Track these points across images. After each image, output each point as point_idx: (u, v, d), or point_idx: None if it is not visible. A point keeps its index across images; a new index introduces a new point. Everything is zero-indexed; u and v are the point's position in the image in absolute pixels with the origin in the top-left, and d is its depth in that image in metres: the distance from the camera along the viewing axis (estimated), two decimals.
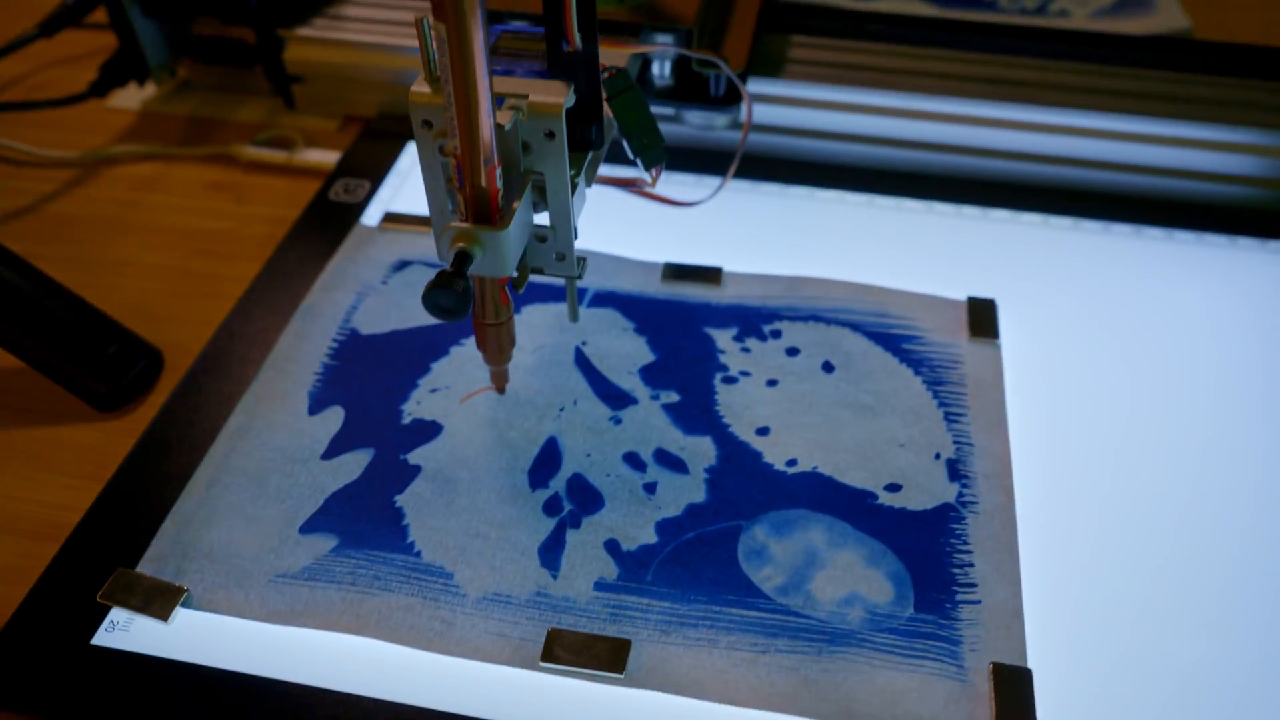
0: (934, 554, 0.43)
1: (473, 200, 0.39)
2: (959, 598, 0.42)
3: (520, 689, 0.39)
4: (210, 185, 0.65)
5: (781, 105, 0.63)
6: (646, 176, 0.47)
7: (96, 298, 0.54)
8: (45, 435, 0.50)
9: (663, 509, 0.45)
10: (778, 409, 0.49)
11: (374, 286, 0.55)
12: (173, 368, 0.53)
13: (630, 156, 0.45)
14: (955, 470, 0.47)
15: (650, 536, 0.44)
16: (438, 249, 0.40)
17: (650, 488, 0.46)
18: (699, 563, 0.43)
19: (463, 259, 0.38)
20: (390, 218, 0.59)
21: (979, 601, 0.42)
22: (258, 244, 0.59)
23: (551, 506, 0.45)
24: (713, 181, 0.62)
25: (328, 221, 0.59)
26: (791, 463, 0.47)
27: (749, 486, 0.46)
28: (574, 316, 0.48)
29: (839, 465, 0.47)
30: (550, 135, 0.40)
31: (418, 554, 0.43)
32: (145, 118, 0.70)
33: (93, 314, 0.52)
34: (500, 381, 0.48)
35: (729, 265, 0.56)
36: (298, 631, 0.41)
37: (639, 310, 0.54)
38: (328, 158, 0.65)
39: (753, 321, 0.53)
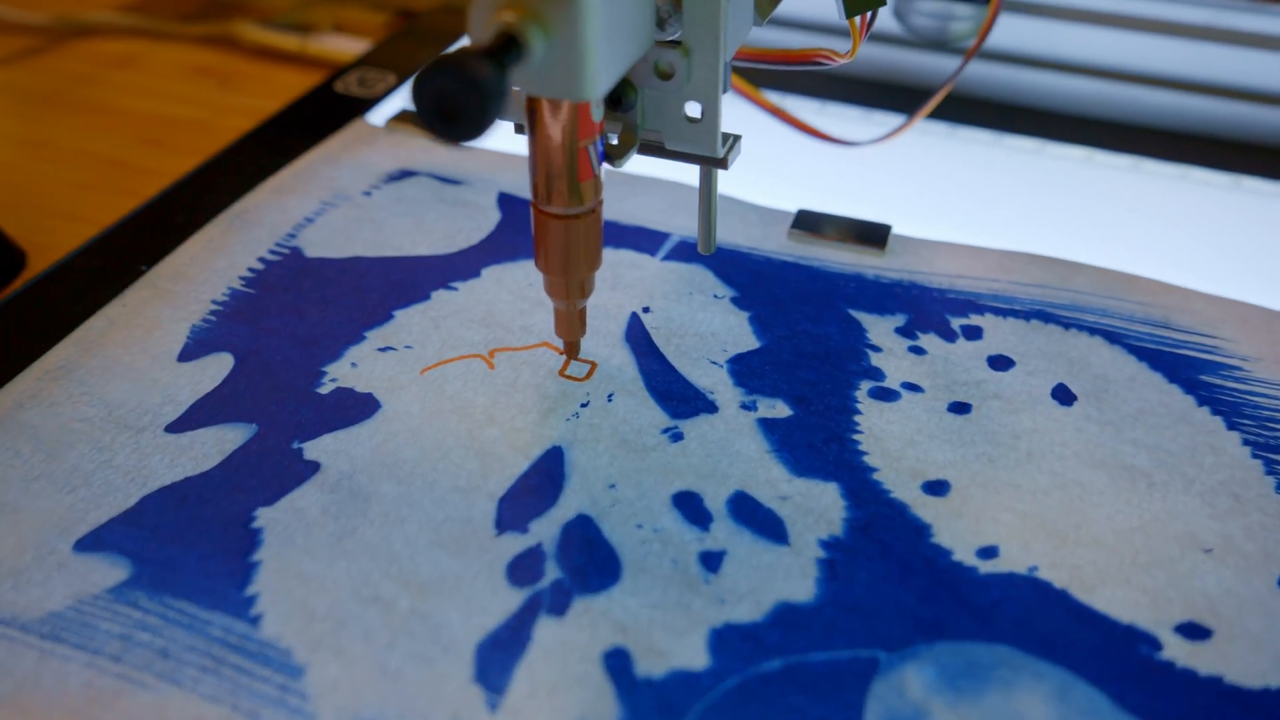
0: None
1: None
2: None
3: None
4: (196, 69, 0.48)
5: (1040, 17, 0.41)
6: (839, 49, 0.27)
7: None
8: None
9: (730, 604, 0.24)
10: (967, 453, 0.27)
11: (349, 197, 0.36)
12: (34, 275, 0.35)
13: None
14: None
15: (697, 655, 0.23)
16: (470, 30, 0.20)
17: (712, 561, 0.24)
18: None
19: (507, 44, 0.19)
20: (407, 116, 0.40)
21: None
22: (225, 139, 0.41)
23: (524, 568, 0.24)
24: (887, 121, 0.41)
25: (322, 117, 0.41)
26: (987, 553, 0.25)
27: (901, 585, 0.24)
28: (707, 244, 0.28)
29: (1083, 572, 0.24)
30: None
31: (254, 620, 0.23)
32: None
33: None
34: (570, 332, 0.28)
35: (901, 227, 0.35)
36: None
37: (745, 272, 0.33)
38: (353, 47, 0.47)
39: (933, 309, 0.32)
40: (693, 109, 0.25)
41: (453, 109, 0.18)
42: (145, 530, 0.25)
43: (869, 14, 0.28)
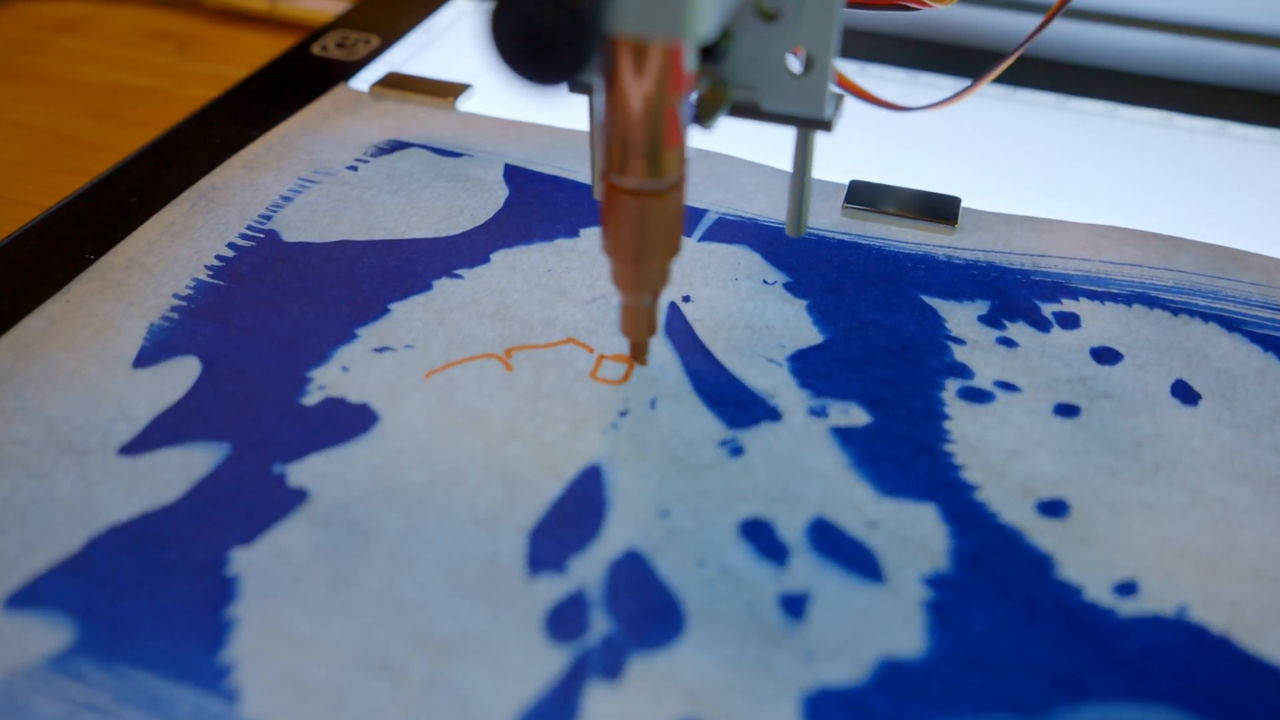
0: None
1: None
2: None
3: None
4: (153, 34, 0.43)
5: None
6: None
7: None
8: None
9: (822, 662, 0.19)
10: (1083, 465, 0.23)
11: (332, 172, 0.31)
12: None
13: None
14: None
15: None
16: None
17: (794, 605, 0.20)
18: None
19: None
20: (395, 81, 0.35)
21: None
22: (185, 110, 0.36)
23: (566, 620, 0.20)
24: (934, 83, 0.37)
25: (298, 83, 0.36)
26: (1126, 589, 0.21)
27: (1028, 634, 0.20)
28: (796, 226, 0.23)
29: (1243, 610, 0.20)
30: None
31: (231, 695, 0.18)
32: None
33: None
34: (637, 331, 0.23)
35: (964, 200, 0.30)
36: None
37: (796, 253, 0.29)
38: (329, 7, 0.42)
39: (1020, 294, 0.27)
40: (795, 61, 0.20)
41: (544, 43, 0.14)
42: (93, 580, 0.20)
43: None
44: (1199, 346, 0.26)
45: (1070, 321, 0.26)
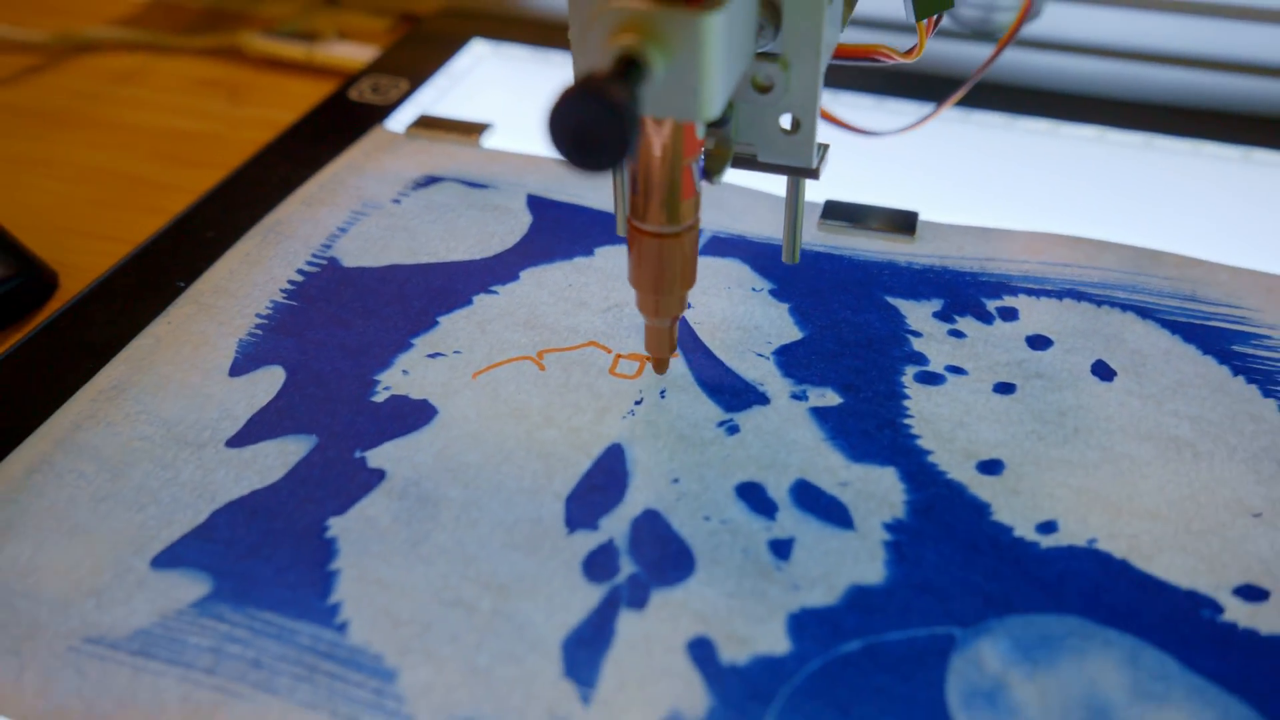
0: None
1: None
2: None
3: None
4: (203, 82, 0.48)
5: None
6: (899, 48, 0.28)
7: None
8: None
9: (804, 590, 0.24)
10: (1016, 432, 0.28)
11: (379, 205, 0.36)
12: (67, 296, 0.35)
13: None
14: None
15: (777, 641, 0.23)
16: (575, 60, 0.22)
17: (782, 549, 0.25)
18: (870, 701, 0.22)
19: (628, 67, 0.19)
20: (427, 122, 0.40)
21: None
22: (241, 151, 0.41)
23: (599, 565, 0.25)
24: (902, 109, 0.42)
25: (340, 126, 0.41)
26: (1047, 528, 0.26)
27: (968, 564, 0.25)
28: (791, 253, 0.28)
29: (1140, 541, 0.25)
30: None
31: (341, 627, 0.23)
32: (152, 9, 0.54)
33: None
34: (659, 348, 0.28)
35: (923, 213, 0.35)
36: None
37: (780, 264, 0.34)
38: (360, 54, 0.47)
39: (968, 293, 0.32)
40: (786, 120, 0.25)
41: (594, 138, 0.18)
42: (220, 545, 0.25)
43: (936, 15, 0.29)
44: (1117, 332, 0.31)
45: (1010, 315, 0.32)
